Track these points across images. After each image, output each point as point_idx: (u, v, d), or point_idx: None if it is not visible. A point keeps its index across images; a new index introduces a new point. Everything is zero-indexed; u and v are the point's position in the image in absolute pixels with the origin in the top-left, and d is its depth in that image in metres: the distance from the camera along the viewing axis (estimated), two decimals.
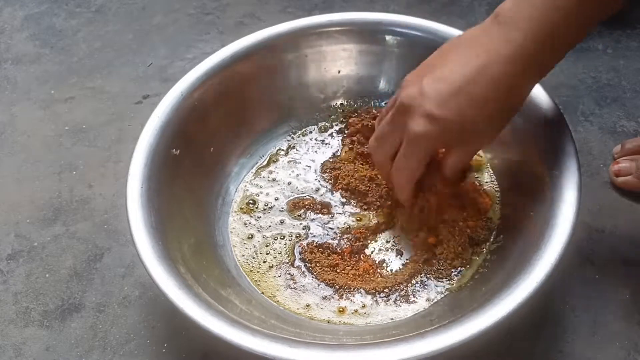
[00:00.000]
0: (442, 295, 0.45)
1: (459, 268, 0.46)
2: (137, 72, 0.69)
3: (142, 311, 0.49)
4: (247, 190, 0.53)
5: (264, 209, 0.51)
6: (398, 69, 0.56)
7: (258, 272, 0.48)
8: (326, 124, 0.57)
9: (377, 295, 0.46)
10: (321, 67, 0.57)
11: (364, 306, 0.45)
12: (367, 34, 0.56)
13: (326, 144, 0.56)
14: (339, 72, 0.57)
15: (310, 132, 0.57)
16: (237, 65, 0.53)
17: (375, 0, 0.75)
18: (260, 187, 0.53)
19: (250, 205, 0.52)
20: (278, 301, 0.46)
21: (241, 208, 0.52)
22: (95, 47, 0.73)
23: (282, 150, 0.56)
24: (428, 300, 0.45)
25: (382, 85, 0.57)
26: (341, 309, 0.45)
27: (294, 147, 0.56)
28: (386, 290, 0.46)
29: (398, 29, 0.55)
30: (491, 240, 0.48)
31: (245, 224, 0.51)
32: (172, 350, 0.47)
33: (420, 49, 0.53)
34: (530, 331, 0.46)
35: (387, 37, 0.55)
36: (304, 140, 0.56)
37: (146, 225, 0.42)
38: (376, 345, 0.36)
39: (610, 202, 0.53)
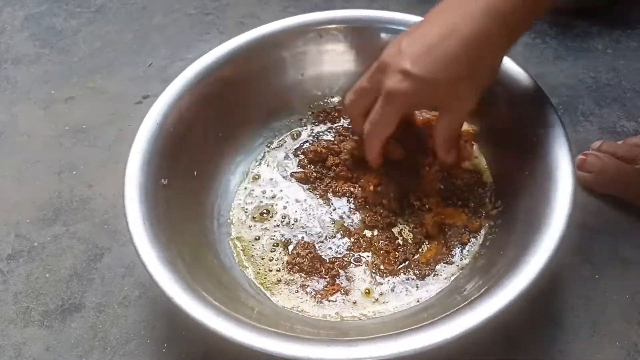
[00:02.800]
0: (466, 261, 0.46)
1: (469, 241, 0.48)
2: (137, 72, 0.69)
3: (142, 311, 0.49)
4: (242, 205, 0.52)
5: (265, 218, 0.51)
6: None
7: (271, 283, 0.47)
8: (299, 129, 0.57)
9: (393, 279, 0.46)
10: (314, 66, 0.57)
11: (381, 294, 0.46)
12: (364, 31, 0.55)
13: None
14: (325, 71, 0.57)
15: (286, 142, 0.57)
16: (213, 77, 0.52)
17: None
18: (254, 199, 0.53)
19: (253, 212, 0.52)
20: (302, 310, 0.46)
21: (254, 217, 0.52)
22: (95, 47, 0.73)
23: (260, 163, 0.55)
24: (447, 278, 0.46)
25: None
26: (367, 290, 0.46)
27: (266, 161, 0.55)
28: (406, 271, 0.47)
29: (394, 27, 0.54)
30: (489, 205, 0.49)
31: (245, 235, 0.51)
32: (172, 350, 0.47)
33: None
34: (530, 331, 0.46)
35: (383, 35, 0.55)
36: (276, 154, 0.56)
37: (160, 258, 0.40)
38: (388, 337, 0.36)
39: (610, 202, 0.53)
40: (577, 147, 0.44)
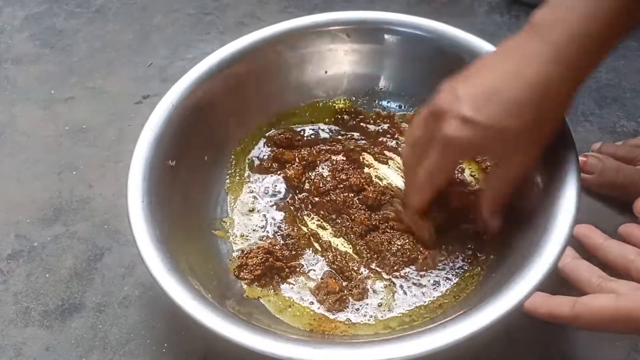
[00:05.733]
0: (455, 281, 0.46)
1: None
2: (137, 72, 0.69)
3: (142, 311, 0.49)
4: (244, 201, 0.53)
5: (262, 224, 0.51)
6: (398, 68, 0.56)
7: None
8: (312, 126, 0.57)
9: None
10: (317, 67, 0.57)
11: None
12: (367, 32, 0.56)
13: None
14: (329, 72, 0.57)
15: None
16: (227, 70, 0.52)
17: (376, 0, 0.75)
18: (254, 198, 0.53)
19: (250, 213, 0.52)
20: (286, 314, 0.45)
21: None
22: (95, 47, 0.73)
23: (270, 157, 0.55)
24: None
25: (383, 83, 0.57)
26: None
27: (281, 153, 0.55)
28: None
29: (398, 28, 0.55)
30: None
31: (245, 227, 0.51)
32: (172, 350, 0.47)
33: (420, 47, 0.53)
34: (530, 331, 0.46)
35: (387, 36, 0.55)
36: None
37: (152, 239, 0.41)
38: (387, 341, 0.36)
39: (610, 203, 0.53)
40: (577, 148, 0.44)
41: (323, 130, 0.57)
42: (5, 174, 0.60)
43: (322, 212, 0.50)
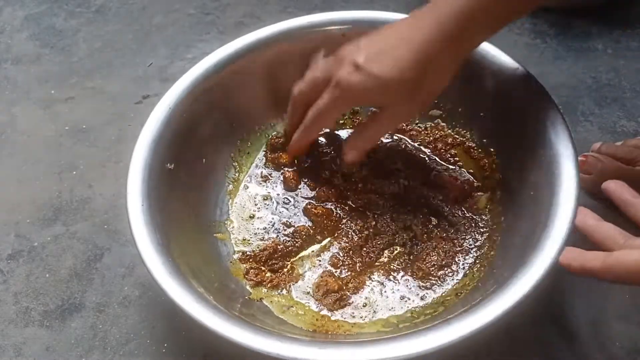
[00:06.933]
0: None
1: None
2: (137, 72, 0.69)
3: (142, 311, 0.49)
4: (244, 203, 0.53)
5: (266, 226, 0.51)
6: None
7: (265, 284, 0.47)
8: None
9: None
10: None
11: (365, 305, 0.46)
12: (366, 32, 0.55)
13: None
14: None
15: None
16: (225, 71, 0.52)
17: (375, 0, 0.75)
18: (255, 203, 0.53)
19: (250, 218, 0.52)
20: (289, 315, 0.45)
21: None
22: (95, 47, 0.73)
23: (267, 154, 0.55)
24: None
25: None
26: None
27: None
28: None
29: None
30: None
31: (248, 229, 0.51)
32: (172, 350, 0.47)
33: None
34: (530, 331, 0.46)
35: None
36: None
37: (153, 242, 0.41)
38: (392, 339, 0.37)
39: (610, 203, 0.53)
40: (577, 148, 0.44)
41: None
42: (5, 174, 0.60)
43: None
